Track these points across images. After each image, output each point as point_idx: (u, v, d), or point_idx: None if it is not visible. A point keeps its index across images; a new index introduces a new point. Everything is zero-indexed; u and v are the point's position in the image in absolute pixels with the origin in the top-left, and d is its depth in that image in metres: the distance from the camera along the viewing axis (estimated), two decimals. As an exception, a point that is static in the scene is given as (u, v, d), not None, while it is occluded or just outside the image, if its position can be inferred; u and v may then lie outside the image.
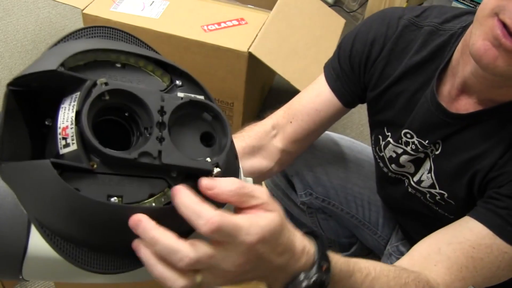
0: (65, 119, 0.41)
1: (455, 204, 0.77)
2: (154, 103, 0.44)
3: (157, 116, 0.44)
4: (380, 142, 0.87)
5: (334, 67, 0.86)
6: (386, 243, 1.06)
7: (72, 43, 0.46)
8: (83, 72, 0.43)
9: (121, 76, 0.45)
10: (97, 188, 0.41)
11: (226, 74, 1.45)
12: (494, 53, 0.59)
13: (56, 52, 0.44)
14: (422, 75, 0.76)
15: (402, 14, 0.79)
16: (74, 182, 0.40)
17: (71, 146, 0.40)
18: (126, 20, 1.44)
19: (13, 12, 2.09)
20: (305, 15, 1.59)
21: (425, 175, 0.80)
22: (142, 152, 0.42)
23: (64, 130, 0.40)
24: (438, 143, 0.76)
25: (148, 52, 0.49)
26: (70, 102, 0.41)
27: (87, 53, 0.44)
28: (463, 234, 0.68)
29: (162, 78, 0.48)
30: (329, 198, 1.03)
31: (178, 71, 0.48)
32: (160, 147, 0.43)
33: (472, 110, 0.71)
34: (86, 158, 0.40)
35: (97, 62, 0.44)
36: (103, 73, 0.44)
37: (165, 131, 0.44)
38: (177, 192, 0.42)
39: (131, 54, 0.46)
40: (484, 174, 0.71)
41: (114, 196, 0.42)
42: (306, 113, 0.87)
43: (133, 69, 0.46)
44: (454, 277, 0.66)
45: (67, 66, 0.42)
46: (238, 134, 0.90)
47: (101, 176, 0.41)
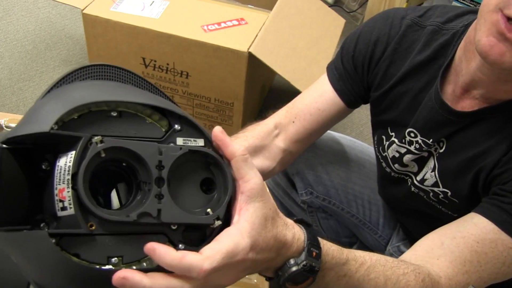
0: (61, 180, 0.40)
1: (459, 202, 0.77)
2: (151, 158, 0.43)
3: (155, 172, 0.43)
4: (383, 142, 0.86)
5: (337, 67, 0.86)
6: (387, 243, 1.06)
7: (69, 91, 0.45)
8: (78, 126, 0.42)
9: (117, 126, 0.44)
10: (96, 251, 0.41)
11: (226, 74, 1.45)
12: (500, 48, 0.59)
13: (48, 106, 0.42)
14: (426, 74, 0.76)
15: (405, 14, 0.80)
16: (73, 247, 0.40)
17: (68, 210, 0.40)
18: (126, 20, 1.44)
19: (13, 12, 2.09)
20: (305, 15, 1.59)
21: (428, 174, 0.80)
22: (141, 213, 0.42)
23: (61, 192, 0.40)
24: (442, 142, 0.76)
25: (143, 94, 0.48)
26: (65, 161, 0.41)
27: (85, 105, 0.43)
28: (467, 229, 0.67)
29: (160, 123, 0.46)
30: (329, 197, 1.02)
31: (175, 114, 0.47)
32: (159, 206, 0.43)
33: (476, 108, 0.71)
34: (84, 222, 0.40)
35: (91, 113, 0.43)
36: (98, 126, 0.43)
37: (164, 187, 0.43)
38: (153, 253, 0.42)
39: (129, 103, 0.45)
40: (488, 171, 0.71)
41: (114, 257, 0.41)
42: (308, 113, 0.87)
43: (130, 116, 0.45)
44: (457, 270, 0.66)
45: (61, 121, 0.42)
46: (240, 133, 0.90)
47: (100, 237, 0.41)
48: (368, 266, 0.59)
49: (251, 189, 0.47)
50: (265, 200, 0.48)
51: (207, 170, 0.47)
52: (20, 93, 1.77)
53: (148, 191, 0.43)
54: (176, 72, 1.51)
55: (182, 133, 0.47)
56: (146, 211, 0.42)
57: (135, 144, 0.43)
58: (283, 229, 0.50)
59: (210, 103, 1.56)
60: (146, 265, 0.43)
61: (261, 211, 0.47)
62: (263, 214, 0.48)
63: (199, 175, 0.47)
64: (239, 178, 0.48)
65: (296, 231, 0.52)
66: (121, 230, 0.42)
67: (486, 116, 0.71)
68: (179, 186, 0.45)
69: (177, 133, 0.46)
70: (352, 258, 0.57)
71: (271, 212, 0.49)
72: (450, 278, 0.65)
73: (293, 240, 0.51)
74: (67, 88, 0.45)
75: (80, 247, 0.40)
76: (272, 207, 0.49)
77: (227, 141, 0.48)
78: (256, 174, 0.48)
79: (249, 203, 0.47)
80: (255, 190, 0.47)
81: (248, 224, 0.46)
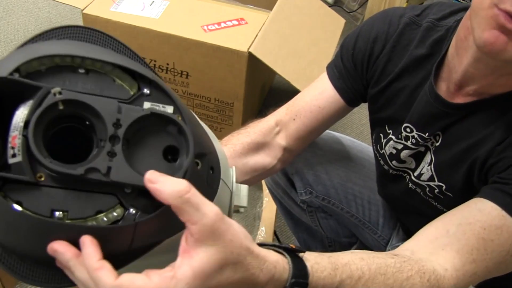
0: (15, 127, 0.40)
1: (453, 196, 0.78)
2: (109, 115, 0.42)
3: (111, 129, 0.42)
4: (381, 140, 0.87)
5: (336, 66, 0.87)
6: (387, 243, 1.06)
7: (39, 45, 0.44)
8: (44, 77, 0.42)
9: (83, 83, 0.43)
10: (40, 202, 0.40)
11: (226, 74, 1.45)
12: (504, 39, 0.60)
13: (16, 55, 0.42)
14: (421, 70, 0.77)
15: (403, 13, 0.81)
16: (16, 195, 0.39)
17: (17, 157, 0.39)
18: (126, 20, 1.44)
19: (13, 12, 2.09)
20: (305, 15, 1.59)
21: (425, 168, 0.80)
22: (89, 168, 0.40)
23: (14, 139, 0.40)
24: (438, 135, 0.77)
25: (117, 56, 0.46)
26: (23, 110, 0.40)
27: (49, 57, 0.42)
28: (472, 215, 0.66)
29: (129, 86, 0.45)
30: (329, 197, 1.03)
31: (146, 79, 0.45)
32: (110, 163, 0.41)
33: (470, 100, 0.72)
34: (30, 170, 0.39)
35: (59, 67, 0.42)
36: (62, 80, 0.42)
37: (118, 146, 0.41)
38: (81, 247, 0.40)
39: (95, 60, 0.44)
40: (482, 161, 0.71)
41: (58, 210, 0.40)
42: (309, 110, 0.87)
43: (98, 75, 0.44)
44: (465, 259, 0.64)
45: (25, 71, 0.41)
46: (242, 130, 0.90)
47: (46, 189, 0.40)
48: (366, 280, 0.56)
49: (199, 232, 0.41)
50: (221, 243, 0.42)
51: (173, 137, 0.44)
52: (20, 93, 1.77)
53: (102, 148, 0.42)
54: (176, 72, 1.51)
55: (151, 98, 0.44)
56: (95, 166, 0.40)
57: (94, 99, 0.42)
58: (256, 271, 0.45)
59: (210, 103, 1.56)
60: (91, 224, 0.41)
61: (215, 257, 0.42)
62: (218, 260, 0.42)
63: (163, 141, 0.44)
64: (184, 221, 0.41)
65: (278, 270, 0.47)
66: (71, 185, 0.41)
67: (480, 108, 0.72)
68: (139, 149, 0.43)
69: (145, 97, 0.44)
70: (347, 276, 0.55)
71: (232, 256, 0.43)
72: (457, 269, 0.63)
73: (269, 281, 0.46)
74: (40, 43, 0.45)
75: (23, 195, 0.40)
76: (236, 249, 0.43)
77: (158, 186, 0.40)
78: (205, 214, 0.41)
79: (198, 247, 0.41)
80: (204, 233, 0.41)
81: (190, 271, 0.41)
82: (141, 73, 0.44)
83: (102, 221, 0.41)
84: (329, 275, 0.53)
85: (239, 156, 0.87)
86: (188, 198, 0.40)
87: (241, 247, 0.44)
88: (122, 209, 0.42)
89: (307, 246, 1.23)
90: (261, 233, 1.31)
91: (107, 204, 0.42)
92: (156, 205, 0.42)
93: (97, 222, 0.41)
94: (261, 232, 1.31)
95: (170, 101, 0.45)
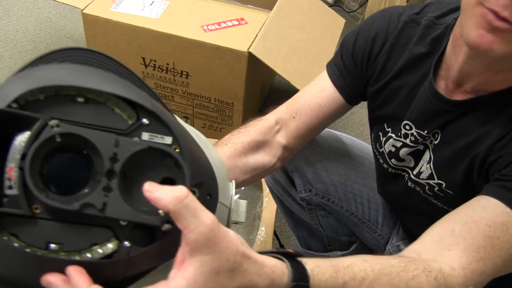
0: (12, 158, 0.40)
1: (453, 194, 0.78)
2: (106, 149, 0.42)
3: (107, 164, 0.42)
4: (380, 138, 0.87)
5: (336, 64, 0.87)
6: (386, 242, 1.06)
7: (40, 71, 0.44)
8: (42, 106, 0.42)
9: (81, 113, 0.43)
10: (36, 234, 0.40)
11: (226, 74, 1.45)
12: (490, 38, 0.60)
13: (16, 83, 0.42)
14: (421, 68, 0.78)
15: (402, 11, 0.82)
16: (13, 227, 0.40)
17: (13, 189, 0.40)
18: (126, 20, 1.44)
19: (13, 12, 2.09)
20: (305, 15, 1.59)
21: (424, 167, 0.81)
22: (85, 204, 0.41)
23: (10, 171, 0.40)
24: (437, 133, 0.77)
25: (119, 82, 0.46)
26: (20, 140, 0.40)
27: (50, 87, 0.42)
28: (477, 213, 0.65)
29: (127, 115, 0.44)
30: (328, 195, 1.03)
31: (146, 108, 0.44)
32: (106, 199, 0.41)
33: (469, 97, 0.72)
34: (26, 204, 0.40)
35: (58, 95, 0.42)
36: (61, 110, 0.42)
37: (114, 181, 0.42)
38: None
39: (96, 91, 0.43)
40: (482, 158, 0.71)
41: (53, 243, 0.41)
42: (309, 108, 0.87)
43: (96, 105, 0.43)
44: (472, 258, 0.62)
45: (24, 99, 0.41)
46: (243, 128, 0.91)
47: (42, 222, 0.41)
48: (370, 281, 0.55)
49: (196, 241, 0.41)
50: (217, 250, 0.42)
51: (170, 170, 0.44)
52: (20, 93, 1.77)
53: (98, 182, 0.42)
54: (176, 72, 1.51)
55: (150, 128, 0.44)
56: (90, 202, 0.41)
57: (91, 133, 0.42)
58: (254, 277, 0.45)
59: (210, 103, 1.56)
60: (86, 257, 0.42)
61: (210, 265, 0.42)
62: (213, 268, 0.42)
63: (160, 174, 0.44)
64: (182, 228, 0.41)
65: (277, 274, 0.47)
66: (66, 217, 0.41)
67: (479, 106, 0.72)
68: (136, 182, 0.44)
69: (144, 127, 0.44)
70: (350, 277, 0.54)
71: (228, 264, 0.43)
72: (465, 267, 0.62)
73: (269, 286, 0.46)
74: (41, 68, 0.45)
75: (19, 228, 0.40)
76: (232, 256, 0.43)
77: (157, 194, 0.41)
78: (202, 221, 0.41)
79: (193, 256, 0.41)
80: (200, 241, 0.41)
81: (184, 282, 0.41)
82: (140, 103, 0.44)
83: (96, 253, 0.42)
84: (331, 277, 0.52)
85: (239, 156, 0.87)
86: (187, 203, 0.40)
87: (237, 254, 0.44)
88: (116, 241, 0.43)
89: (307, 245, 1.23)
90: (261, 233, 1.31)
91: (102, 237, 0.42)
92: (151, 237, 0.43)
93: (91, 254, 0.42)
94: (261, 232, 1.31)
95: (169, 132, 0.45)
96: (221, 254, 0.42)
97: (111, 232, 0.42)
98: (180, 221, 0.41)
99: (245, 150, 0.87)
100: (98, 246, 0.42)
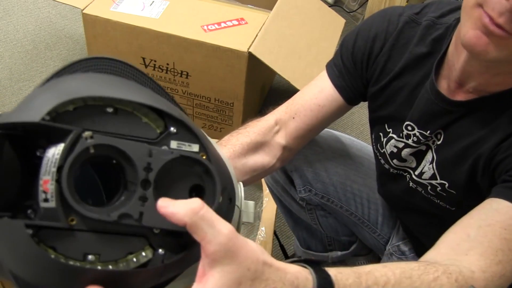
0: (47, 171, 0.40)
1: (456, 193, 0.78)
2: (140, 160, 0.42)
3: (142, 174, 0.42)
4: (381, 139, 0.87)
5: (336, 64, 0.87)
6: (386, 242, 1.06)
7: (67, 82, 0.44)
8: (72, 118, 0.42)
9: (111, 123, 0.43)
10: (74, 246, 0.41)
11: (226, 74, 1.45)
12: (485, 40, 0.61)
13: (46, 95, 0.42)
14: (422, 68, 0.78)
15: (402, 12, 0.82)
16: (50, 240, 0.40)
17: (50, 202, 0.40)
18: (126, 20, 1.44)
19: (13, 12, 2.09)
20: (305, 15, 1.59)
21: (426, 167, 0.80)
22: (122, 214, 0.41)
23: (45, 184, 0.40)
24: (440, 133, 0.77)
25: (142, 91, 0.46)
26: (54, 153, 0.40)
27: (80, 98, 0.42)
28: (490, 216, 0.64)
29: (155, 124, 0.45)
30: (328, 195, 1.03)
31: (173, 117, 0.45)
32: (142, 209, 0.42)
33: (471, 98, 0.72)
34: (64, 216, 0.40)
35: (87, 106, 0.43)
36: (92, 121, 0.42)
37: (150, 190, 0.42)
38: None
39: (127, 101, 0.44)
40: (486, 158, 0.71)
41: (91, 254, 0.41)
42: (309, 109, 0.87)
43: (125, 113, 0.44)
44: (490, 261, 0.61)
45: (55, 111, 0.41)
46: (242, 129, 0.90)
47: (79, 233, 0.41)
48: (392, 285, 0.54)
49: (215, 252, 0.40)
50: (237, 260, 0.41)
51: (199, 177, 0.45)
52: (20, 93, 1.77)
53: (133, 192, 0.42)
54: (176, 72, 1.51)
55: (178, 136, 0.45)
56: (127, 212, 0.42)
57: (125, 144, 0.42)
58: (278, 285, 0.44)
59: (210, 103, 1.56)
60: (122, 266, 0.42)
61: (231, 276, 0.41)
62: (234, 279, 0.41)
63: (189, 181, 0.45)
64: (200, 240, 0.41)
65: (301, 280, 0.46)
66: (102, 228, 0.42)
67: (481, 106, 0.72)
68: (168, 190, 0.44)
69: (172, 136, 0.45)
70: (373, 282, 0.53)
71: (250, 273, 0.42)
72: (484, 270, 0.60)
73: None
74: (66, 78, 0.45)
75: (57, 241, 0.40)
76: (253, 265, 0.42)
77: (171, 208, 0.41)
78: (220, 231, 0.41)
79: (213, 267, 0.41)
80: (219, 252, 0.40)
81: None
82: (169, 112, 0.45)
83: (132, 262, 0.42)
84: (354, 282, 0.51)
85: (239, 157, 0.87)
86: (203, 215, 0.40)
87: (258, 263, 0.43)
88: (151, 249, 0.43)
89: (306, 245, 1.23)
90: (261, 233, 1.31)
91: (137, 246, 0.43)
92: (182, 243, 0.44)
93: (127, 263, 0.42)
94: (261, 232, 1.31)
95: (196, 139, 0.46)
96: (241, 264, 0.42)
97: (145, 240, 0.43)
98: (197, 233, 0.41)
99: (244, 151, 0.87)
100: (134, 255, 0.43)
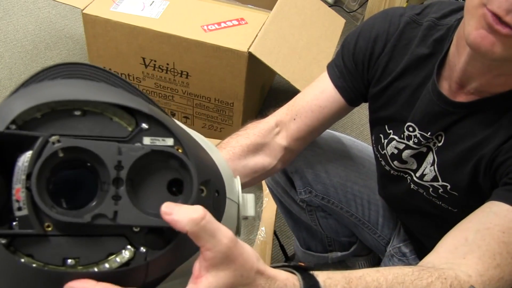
0: (18, 180, 0.40)
1: (458, 195, 0.77)
2: (110, 158, 0.42)
3: (113, 172, 0.42)
4: (381, 140, 0.87)
5: (337, 65, 0.87)
6: (386, 244, 1.06)
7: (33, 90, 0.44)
8: (40, 125, 0.42)
9: (81, 126, 0.43)
10: (51, 252, 0.40)
11: (226, 74, 1.45)
12: (491, 39, 0.60)
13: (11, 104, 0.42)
14: (423, 69, 0.78)
15: (403, 12, 0.82)
16: (27, 248, 0.40)
17: (23, 210, 0.39)
18: (126, 20, 1.44)
19: (13, 12, 2.09)
20: (305, 15, 1.59)
21: (427, 169, 0.80)
22: (96, 215, 0.41)
23: (17, 192, 0.40)
24: (441, 135, 0.77)
25: (112, 91, 0.46)
26: (23, 161, 0.40)
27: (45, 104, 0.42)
28: (489, 219, 0.64)
29: (126, 123, 0.44)
30: (328, 196, 1.03)
31: (143, 113, 0.44)
32: (116, 207, 0.41)
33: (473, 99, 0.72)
34: (37, 223, 0.40)
35: (54, 112, 0.42)
36: (60, 125, 0.42)
37: (122, 188, 0.42)
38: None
39: (91, 102, 0.43)
40: (488, 160, 0.71)
41: (70, 258, 0.41)
42: (310, 110, 0.87)
43: (94, 115, 0.43)
44: (488, 265, 0.61)
45: (21, 119, 0.41)
46: (242, 131, 0.90)
47: (56, 238, 0.40)
48: None
49: (214, 258, 0.42)
50: (232, 267, 0.43)
51: (176, 171, 0.45)
52: (20, 93, 1.77)
53: (106, 192, 0.42)
54: (176, 72, 1.51)
55: (150, 132, 0.44)
56: (101, 212, 0.41)
57: (93, 144, 0.42)
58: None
59: (210, 103, 1.56)
60: (103, 268, 0.42)
61: (224, 281, 0.43)
62: (227, 284, 0.43)
63: (166, 176, 0.44)
64: (199, 246, 0.42)
65: (288, 287, 0.48)
66: (79, 231, 0.41)
67: (482, 107, 0.72)
68: (144, 186, 0.44)
69: (144, 132, 0.44)
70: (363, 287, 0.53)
71: (242, 279, 0.44)
72: (482, 274, 0.60)
73: None
74: (33, 87, 0.45)
75: (34, 248, 0.40)
76: (246, 272, 0.44)
77: (173, 216, 0.41)
78: (220, 240, 0.42)
79: (209, 271, 0.42)
80: (218, 258, 0.42)
81: None
82: (138, 109, 0.44)
83: (114, 262, 0.42)
84: (343, 286, 0.52)
85: (239, 159, 0.86)
86: (204, 225, 0.41)
87: (251, 270, 0.45)
88: (132, 248, 0.43)
89: (306, 245, 1.23)
90: (261, 233, 1.31)
91: (117, 246, 0.42)
92: (165, 240, 0.43)
93: (109, 264, 0.42)
94: (261, 232, 1.31)
95: (169, 133, 0.45)
96: (236, 271, 0.43)
97: (126, 239, 0.43)
98: (199, 241, 0.42)
99: (244, 153, 0.87)
100: (115, 256, 0.42)
